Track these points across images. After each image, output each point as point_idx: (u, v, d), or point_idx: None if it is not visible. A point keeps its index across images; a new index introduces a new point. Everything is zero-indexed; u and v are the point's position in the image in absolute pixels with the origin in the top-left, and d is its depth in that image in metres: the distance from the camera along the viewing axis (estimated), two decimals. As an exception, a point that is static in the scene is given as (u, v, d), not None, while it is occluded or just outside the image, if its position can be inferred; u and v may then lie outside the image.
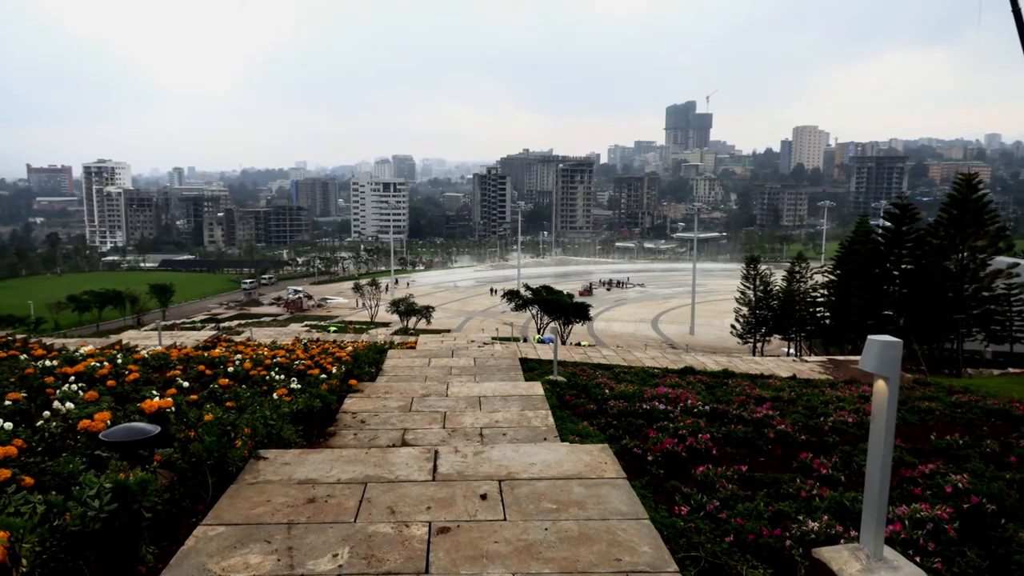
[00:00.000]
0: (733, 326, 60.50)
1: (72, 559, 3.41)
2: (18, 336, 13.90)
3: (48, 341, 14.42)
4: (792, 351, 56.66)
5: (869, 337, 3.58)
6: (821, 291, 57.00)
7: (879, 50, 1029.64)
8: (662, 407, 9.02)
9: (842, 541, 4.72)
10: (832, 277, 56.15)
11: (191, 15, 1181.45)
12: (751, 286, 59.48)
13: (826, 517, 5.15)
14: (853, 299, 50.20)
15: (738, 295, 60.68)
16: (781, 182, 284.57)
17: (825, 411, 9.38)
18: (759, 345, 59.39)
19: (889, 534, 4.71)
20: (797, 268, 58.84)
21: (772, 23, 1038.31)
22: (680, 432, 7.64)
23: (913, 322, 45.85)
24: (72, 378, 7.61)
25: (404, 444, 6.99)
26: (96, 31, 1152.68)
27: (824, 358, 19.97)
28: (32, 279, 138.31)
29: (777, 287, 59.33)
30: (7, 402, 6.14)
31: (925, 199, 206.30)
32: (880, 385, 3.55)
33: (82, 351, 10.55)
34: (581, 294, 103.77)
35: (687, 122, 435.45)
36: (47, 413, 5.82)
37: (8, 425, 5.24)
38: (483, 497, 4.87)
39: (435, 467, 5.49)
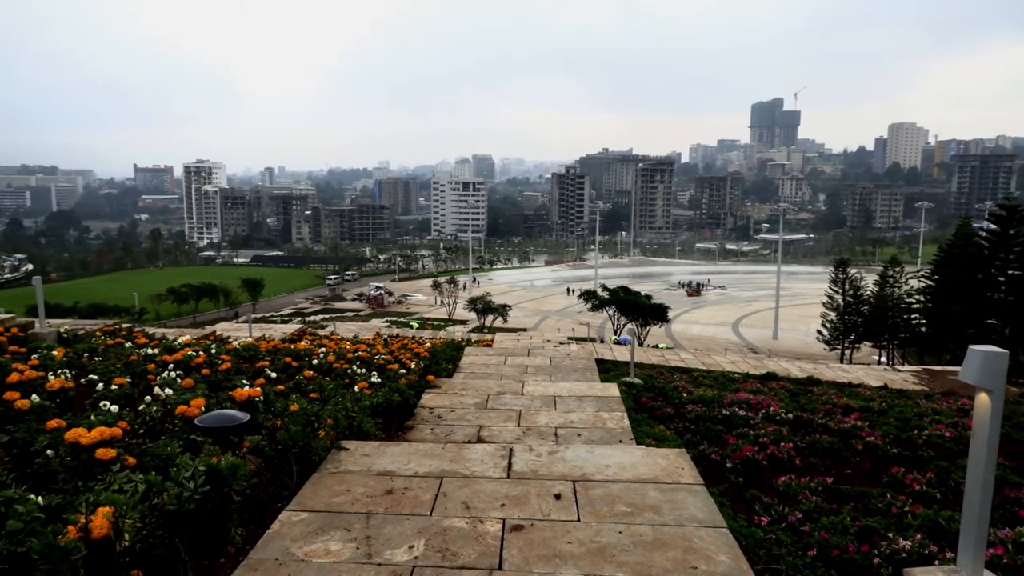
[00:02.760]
0: (819, 332, 58.05)
1: (168, 536, 3.61)
2: (124, 325, 14.84)
3: (150, 331, 15.33)
4: (883, 359, 53.89)
5: (971, 347, 3.37)
6: (917, 297, 53.92)
7: (985, 42, 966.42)
8: (742, 413, 8.77)
9: (936, 562, 4.46)
10: (929, 282, 53.05)
11: (281, 22, 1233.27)
12: (840, 290, 56.89)
13: (919, 536, 4.88)
14: (952, 306, 47.28)
15: (825, 299, 58.15)
16: (874, 182, 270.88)
17: (919, 424, 8.87)
18: (847, 352, 56.77)
19: (989, 557, 4.41)
20: (891, 272, 55.87)
21: (867, 15, 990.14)
22: (761, 440, 7.40)
23: (1020, 332, 42.78)
24: (171, 366, 8.07)
25: (479, 441, 7.07)
26: (197, 43, 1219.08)
27: (919, 368, 18.90)
28: (136, 272, 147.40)
29: (868, 292, 56.52)
30: (113, 386, 6.56)
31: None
32: (983, 398, 3.33)
33: (180, 341, 11.16)
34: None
35: (773, 120, 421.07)
36: (148, 398, 6.20)
37: (114, 408, 5.61)
38: (557, 497, 4.87)
39: (510, 465, 5.53)
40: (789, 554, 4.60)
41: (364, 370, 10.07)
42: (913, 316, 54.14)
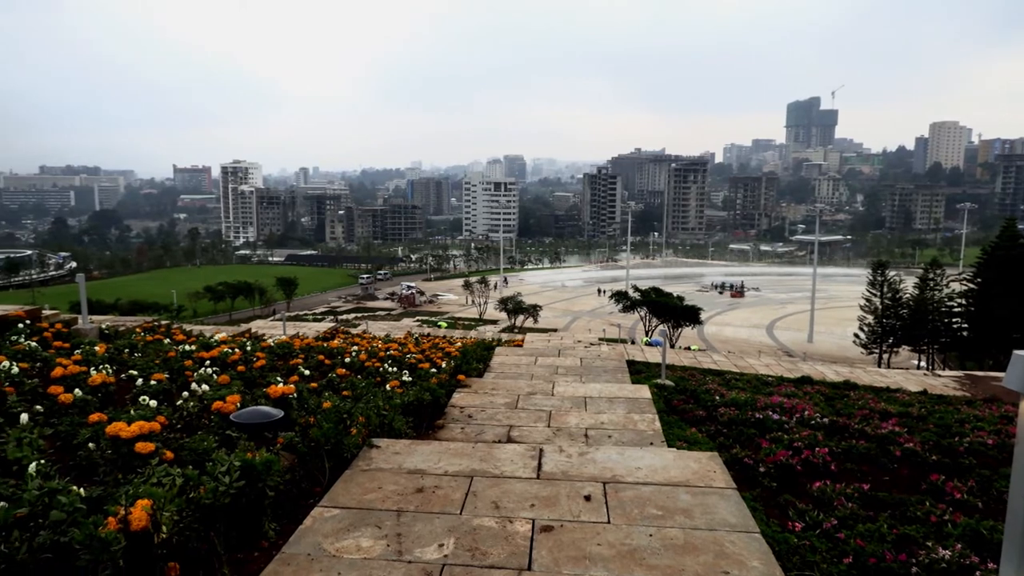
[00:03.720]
0: (856, 335, 56.90)
1: (204, 529, 3.67)
2: (162, 322, 15.17)
3: (187, 327, 15.64)
4: (923, 364, 52.66)
5: (1015, 352, 3.26)
6: (958, 300, 52.58)
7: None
8: (776, 417, 8.63)
9: (977, 573, 4.35)
10: (971, 285, 51.67)
11: (316, 23, 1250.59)
12: (878, 293, 55.72)
13: (959, 545, 4.75)
14: (995, 310, 46.01)
15: (863, 302, 57.01)
16: (914, 182, 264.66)
17: (960, 430, 8.64)
18: (885, 356, 55.58)
19: (1034, 569, 4.28)
20: (931, 275, 54.51)
21: (908, 9, 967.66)
22: (795, 444, 7.28)
23: (1068, 337, 41.42)
24: (207, 362, 8.22)
25: (510, 440, 7.07)
26: (234, 46, 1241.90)
27: (960, 373, 18.42)
28: (175, 270, 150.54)
29: (907, 295, 55.25)
30: (152, 382, 6.71)
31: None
32: (1028, 405, 3.23)
33: (216, 338, 11.37)
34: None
35: (810, 119, 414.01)
36: (185, 393, 6.33)
37: (153, 403, 5.74)
38: (587, 498, 4.85)
39: (540, 465, 5.52)
40: (824, 561, 4.52)
41: (395, 369, 10.14)
42: (954, 320, 52.81)
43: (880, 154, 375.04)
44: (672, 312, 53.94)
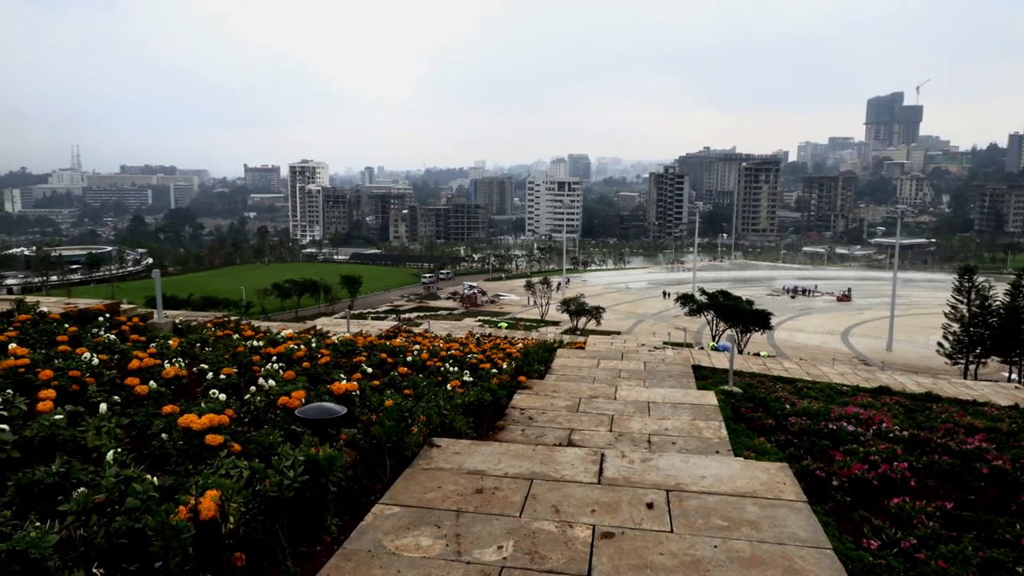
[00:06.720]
0: (940, 344, 54.12)
1: (268, 522, 3.74)
2: (232, 318, 15.67)
3: (256, 323, 16.08)
4: (1015, 376, 49.66)
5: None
6: (1055, 309, 49.32)
7: None
8: (851, 428, 8.27)
9: (1076, 604, 4.02)
10: (1070, 294, 48.44)
11: (382, 24, 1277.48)
12: (964, 299, 52.85)
13: (1054, 573, 4.42)
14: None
15: (948, 309, 54.22)
16: (1007, 182, 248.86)
17: (1056, 448, 8.08)
18: (972, 367, 52.71)
19: None
20: (1025, 281, 51.37)
21: None
22: (872, 458, 6.94)
23: None
24: (274, 358, 8.41)
25: (570, 444, 7.00)
26: (302, 48, 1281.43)
27: (1054, 386, 17.27)
28: (244, 267, 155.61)
29: (998, 302, 52.22)
30: (222, 376, 6.91)
31: None
32: None
33: (283, 334, 11.63)
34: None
35: (891, 116, 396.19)
36: (253, 388, 6.50)
37: (222, 396, 5.90)
38: (649, 506, 4.73)
39: (601, 470, 5.43)
40: (901, 583, 4.28)
41: (457, 368, 10.20)
42: (1050, 330, 49.58)
43: (969, 152, 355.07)
44: (740, 316, 52.67)
